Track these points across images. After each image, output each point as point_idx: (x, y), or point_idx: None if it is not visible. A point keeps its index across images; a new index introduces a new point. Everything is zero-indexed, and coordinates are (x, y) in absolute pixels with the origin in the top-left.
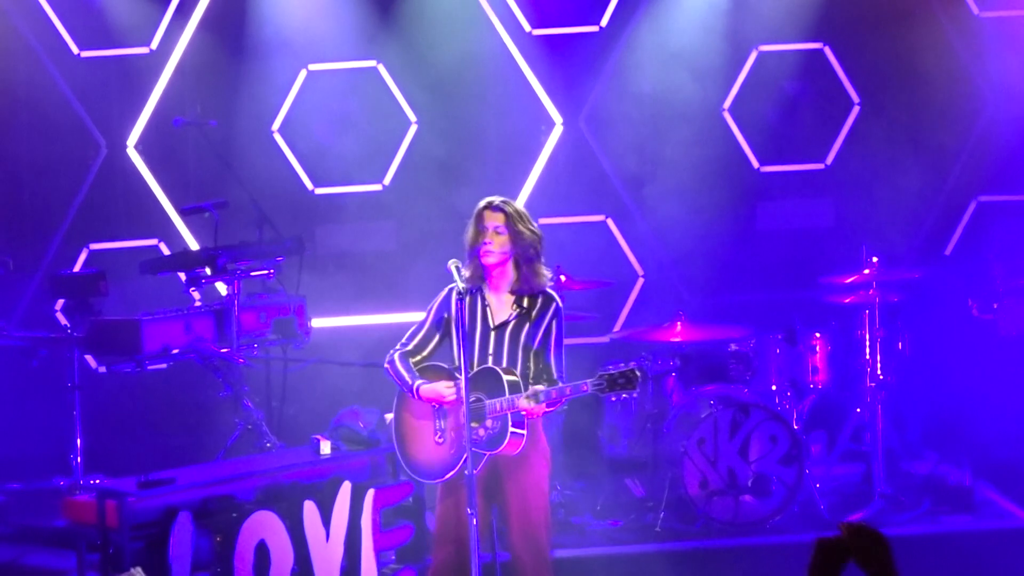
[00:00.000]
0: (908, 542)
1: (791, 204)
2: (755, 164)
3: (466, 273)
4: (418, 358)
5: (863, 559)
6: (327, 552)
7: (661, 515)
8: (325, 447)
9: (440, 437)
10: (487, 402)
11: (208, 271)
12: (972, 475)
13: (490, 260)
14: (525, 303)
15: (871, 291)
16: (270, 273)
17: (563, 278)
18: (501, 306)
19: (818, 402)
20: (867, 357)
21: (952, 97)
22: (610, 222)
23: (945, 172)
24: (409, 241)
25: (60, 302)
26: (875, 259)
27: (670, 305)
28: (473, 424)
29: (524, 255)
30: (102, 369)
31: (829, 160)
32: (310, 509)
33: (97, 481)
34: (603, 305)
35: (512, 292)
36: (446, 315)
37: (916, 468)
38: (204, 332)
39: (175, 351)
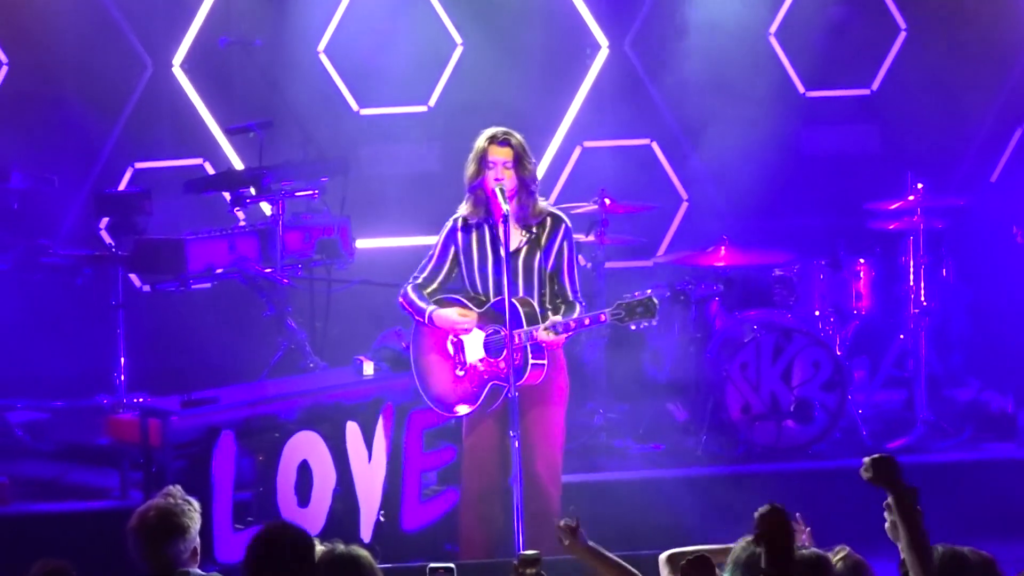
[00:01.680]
0: (949, 469)
1: (836, 129)
2: (801, 89)
3: (467, 208)
4: (430, 289)
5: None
6: (369, 473)
7: (703, 439)
8: (368, 368)
9: (460, 370)
10: (504, 334)
11: (253, 191)
12: (1015, 402)
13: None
14: (534, 229)
15: (916, 217)
16: (314, 193)
17: (607, 201)
18: (510, 235)
19: (861, 328)
20: (911, 283)
21: (999, 23)
22: (655, 146)
23: (991, 99)
24: (454, 163)
25: (105, 220)
26: (920, 185)
27: (714, 229)
28: (494, 358)
29: (526, 190)
30: (146, 288)
31: (875, 86)
32: (352, 430)
33: (140, 400)
34: (647, 229)
35: (517, 221)
36: (453, 247)
37: (959, 395)
38: (248, 252)
39: (219, 271)
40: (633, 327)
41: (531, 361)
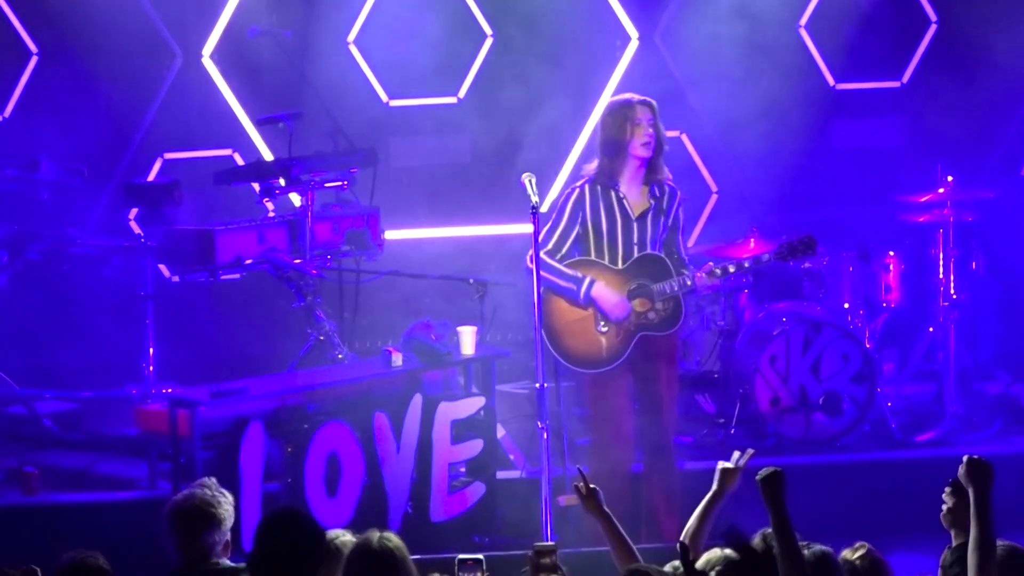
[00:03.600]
0: None
1: (866, 122)
2: (831, 81)
3: (602, 168)
4: (559, 257)
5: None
6: (397, 464)
7: (731, 431)
8: (397, 359)
9: (604, 326)
10: (654, 286)
11: (282, 182)
12: None
13: (648, 153)
14: (657, 193)
15: (946, 210)
16: (344, 184)
17: None
18: (637, 198)
19: (891, 321)
20: (941, 276)
21: None
22: (684, 138)
23: (1021, 92)
24: (483, 154)
25: (134, 211)
26: (950, 178)
27: (743, 221)
28: (643, 308)
29: (662, 149)
30: (175, 278)
31: (905, 78)
32: (381, 421)
33: (169, 390)
34: None
35: (646, 184)
36: (581, 213)
37: (988, 388)
38: (277, 242)
39: (248, 261)
40: (791, 263)
41: (683, 309)
